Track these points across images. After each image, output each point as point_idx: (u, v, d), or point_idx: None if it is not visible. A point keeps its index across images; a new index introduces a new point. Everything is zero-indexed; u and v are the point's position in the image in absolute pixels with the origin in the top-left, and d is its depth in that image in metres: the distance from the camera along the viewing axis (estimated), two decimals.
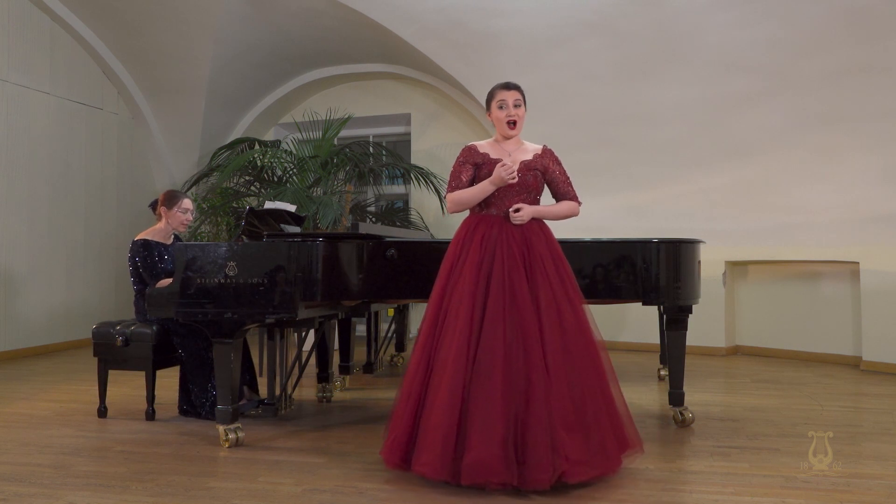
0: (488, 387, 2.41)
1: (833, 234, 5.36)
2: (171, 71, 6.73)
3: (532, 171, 2.75)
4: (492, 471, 2.32)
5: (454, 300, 2.58)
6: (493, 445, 2.34)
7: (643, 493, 2.43)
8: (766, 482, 2.55)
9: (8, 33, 5.79)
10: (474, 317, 2.53)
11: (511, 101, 2.75)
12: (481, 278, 2.58)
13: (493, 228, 2.68)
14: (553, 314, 2.55)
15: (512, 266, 2.59)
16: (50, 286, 6.17)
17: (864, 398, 4.16)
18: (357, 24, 6.32)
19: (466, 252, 2.66)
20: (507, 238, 2.65)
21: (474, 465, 2.33)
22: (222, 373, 3.07)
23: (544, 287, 2.57)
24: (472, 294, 2.55)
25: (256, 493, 2.47)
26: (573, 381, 2.49)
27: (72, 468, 2.76)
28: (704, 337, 5.85)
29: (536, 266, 2.61)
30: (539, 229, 2.72)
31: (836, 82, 5.16)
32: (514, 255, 2.61)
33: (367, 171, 6.49)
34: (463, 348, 2.48)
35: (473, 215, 2.77)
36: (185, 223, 3.81)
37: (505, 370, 2.44)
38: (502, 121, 2.75)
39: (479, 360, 2.46)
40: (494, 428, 2.36)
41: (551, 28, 5.73)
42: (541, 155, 2.82)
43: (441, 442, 2.39)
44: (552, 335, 2.51)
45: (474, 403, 2.41)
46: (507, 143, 2.82)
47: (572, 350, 2.53)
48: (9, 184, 5.77)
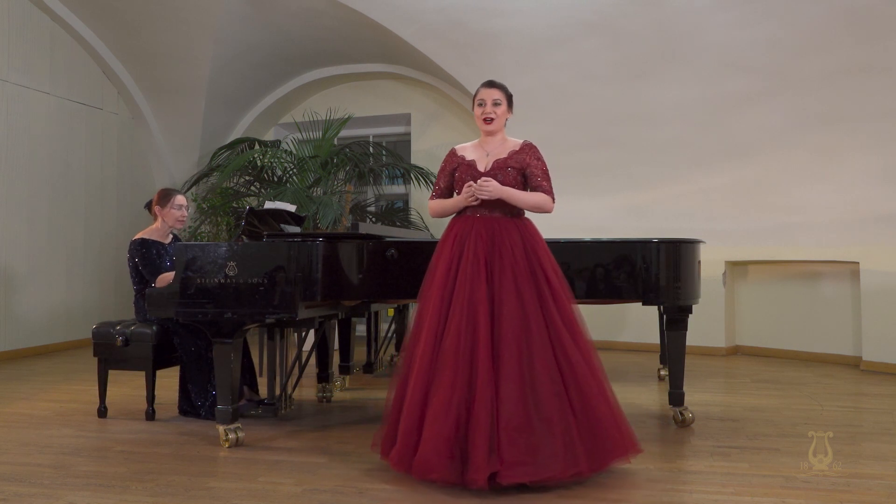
0: (440, 386, 2.46)
1: (833, 234, 5.36)
2: (171, 71, 6.73)
3: (505, 169, 2.75)
4: (433, 467, 2.38)
5: (426, 300, 2.66)
6: (440, 443, 2.38)
7: (643, 493, 2.43)
8: (766, 482, 2.55)
9: (8, 33, 5.79)
10: (440, 317, 2.58)
11: (490, 100, 2.79)
12: (449, 279, 2.64)
13: (464, 228, 2.72)
14: (513, 315, 2.53)
15: (475, 267, 2.61)
16: (50, 286, 6.17)
17: (864, 398, 4.16)
18: (357, 24, 6.32)
19: (440, 253, 2.73)
20: (475, 239, 2.67)
21: (421, 461, 2.40)
22: (222, 373, 3.07)
23: (508, 288, 2.57)
24: (440, 295, 2.62)
25: (256, 493, 2.47)
26: (530, 381, 2.46)
27: (72, 468, 2.76)
28: (704, 337, 5.85)
29: (503, 267, 2.61)
30: (515, 228, 2.71)
31: (836, 82, 5.16)
32: (479, 255, 2.63)
33: (367, 171, 6.49)
34: (428, 348, 2.55)
35: (455, 216, 2.83)
36: (181, 220, 3.80)
37: (454, 371, 2.47)
38: (479, 118, 2.81)
39: (438, 360, 2.53)
40: (444, 426, 2.40)
41: (551, 28, 5.73)
42: (518, 151, 2.80)
43: (404, 437, 2.48)
44: (510, 335, 2.50)
45: (430, 403, 2.47)
46: (489, 142, 2.85)
47: (534, 349, 2.49)
48: (9, 184, 5.77)
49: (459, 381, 2.45)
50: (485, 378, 2.44)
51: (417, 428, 2.47)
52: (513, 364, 2.47)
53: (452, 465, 2.37)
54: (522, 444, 2.38)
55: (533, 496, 2.38)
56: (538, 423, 2.41)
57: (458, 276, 2.62)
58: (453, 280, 2.63)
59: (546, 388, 2.45)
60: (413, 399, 2.50)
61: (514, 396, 2.43)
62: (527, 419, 2.41)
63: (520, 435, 2.38)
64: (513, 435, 2.38)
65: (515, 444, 2.37)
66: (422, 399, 2.50)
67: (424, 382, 2.51)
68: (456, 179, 2.84)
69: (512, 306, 2.54)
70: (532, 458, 2.37)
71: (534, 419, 2.41)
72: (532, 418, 2.41)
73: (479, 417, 2.39)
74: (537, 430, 2.40)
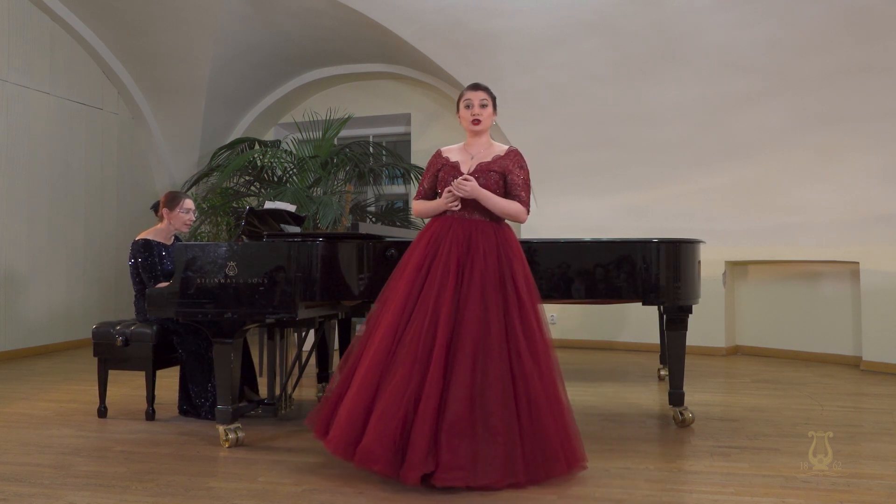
0: (393, 381, 2.48)
1: (833, 234, 5.36)
2: (171, 71, 6.73)
3: (488, 172, 2.76)
4: (375, 459, 2.40)
5: (391, 294, 2.69)
6: (385, 435, 2.40)
7: (643, 493, 2.43)
8: (766, 482, 2.55)
9: (8, 33, 5.79)
10: (403, 313, 2.60)
11: (477, 101, 2.81)
12: (419, 277, 2.65)
13: (442, 228, 2.74)
14: (475, 322, 2.53)
15: (445, 270, 2.63)
16: (50, 286, 6.17)
17: (864, 398, 4.16)
18: (357, 24, 6.32)
19: (413, 250, 2.76)
20: (450, 241, 2.69)
21: (363, 451, 2.43)
22: (222, 373, 3.07)
23: (474, 295, 2.58)
24: (406, 291, 2.64)
25: (256, 493, 2.47)
26: (481, 388, 2.46)
27: (72, 468, 2.76)
28: (704, 337, 5.85)
29: (473, 273, 2.62)
30: (493, 232, 2.73)
31: (836, 82, 5.16)
32: (451, 259, 2.65)
33: (367, 171, 6.49)
34: (386, 341, 2.57)
35: (435, 217, 2.85)
36: (188, 223, 3.82)
37: (410, 368, 2.49)
38: (467, 119, 2.82)
39: (395, 355, 2.54)
40: (389, 420, 2.42)
41: (551, 28, 5.72)
42: (503, 157, 2.81)
43: (347, 424, 2.50)
44: (468, 339, 2.51)
45: (381, 395, 2.49)
46: (475, 145, 2.86)
47: (490, 356, 2.50)
48: (9, 184, 5.77)
49: (413, 379, 2.47)
50: (434, 379, 2.45)
51: (365, 417, 2.48)
52: (466, 369, 2.47)
53: (394, 459, 2.40)
54: (462, 448, 2.39)
55: (533, 496, 2.38)
56: (482, 430, 2.42)
57: (428, 275, 2.64)
58: (423, 279, 2.65)
59: (496, 397, 2.46)
60: (363, 388, 2.52)
61: (461, 400, 2.43)
62: (471, 424, 2.41)
63: (461, 440, 2.39)
64: (454, 438, 2.39)
65: (455, 448, 2.38)
66: (372, 389, 2.52)
67: (377, 373, 2.53)
68: (439, 181, 2.85)
69: (475, 313, 2.55)
70: (470, 463, 2.38)
71: (478, 425, 2.42)
72: (476, 424, 2.42)
73: (424, 417, 2.40)
74: (479, 437, 2.41)
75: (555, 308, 6.28)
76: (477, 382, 2.47)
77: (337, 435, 2.52)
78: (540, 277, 3.17)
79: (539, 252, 3.25)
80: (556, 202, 6.43)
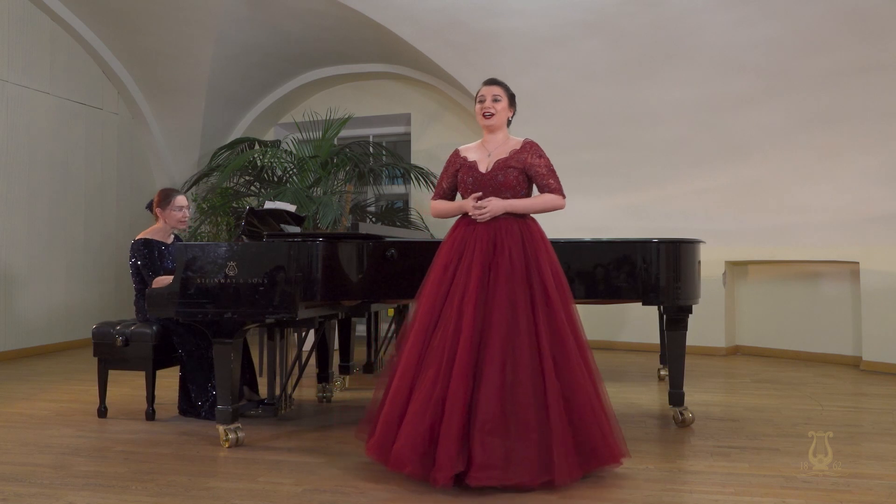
0: (422, 385, 2.50)
1: (833, 234, 5.36)
2: (171, 71, 6.73)
3: (505, 169, 2.75)
4: (405, 462, 2.41)
5: (420, 299, 2.70)
6: (415, 438, 2.42)
7: (643, 493, 2.43)
8: (766, 482, 2.55)
9: (8, 33, 5.79)
10: (431, 317, 2.61)
11: (490, 96, 2.80)
12: (445, 280, 2.65)
13: (467, 231, 2.73)
14: (502, 321, 2.53)
15: (470, 270, 2.62)
16: (50, 286, 6.17)
17: (864, 398, 4.16)
18: (357, 24, 6.32)
19: (440, 253, 2.76)
20: (475, 242, 2.68)
21: (395, 455, 2.45)
22: (222, 373, 3.07)
23: (500, 294, 2.57)
24: (433, 295, 2.65)
25: (256, 493, 2.47)
26: (511, 387, 2.45)
27: (72, 468, 2.76)
28: (704, 337, 5.85)
29: (499, 272, 2.61)
30: (518, 229, 2.70)
31: (836, 82, 5.15)
32: (475, 260, 2.64)
33: (367, 171, 6.49)
34: (416, 346, 2.59)
35: (460, 218, 2.83)
36: (183, 220, 3.81)
37: (437, 370, 2.50)
38: (479, 113, 2.82)
39: (424, 359, 2.55)
40: (419, 424, 2.43)
41: (551, 28, 5.72)
42: (519, 150, 2.79)
43: (382, 428, 2.54)
44: (496, 338, 2.50)
45: (412, 398, 2.51)
46: (492, 142, 2.84)
47: (520, 353, 2.49)
48: (9, 184, 5.77)
49: (440, 382, 2.47)
50: (461, 380, 2.45)
51: (398, 421, 2.51)
52: (495, 368, 2.47)
53: (424, 462, 2.40)
54: (495, 447, 2.38)
55: (533, 496, 2.38)
56: (514, 429, 2.41)
57: (454, 277, 2.64)
58: (449, 281, 2.64)
59: (526, 394, 2.45)
60: (397, 393, 2.55)
61: (492, 400, 2.43)
62: (503, 423, 2.41)
63: (493, 438, 2.39)
64: (486, 437, 2.38)
65: (488, 447, 2.37)
66: (405, 394, 2.54)
67: (409, 377, 2.55)
68: (458, 181, 2.84)
69: (502, 313, 2.54)
70: (503, 462, 2.37)
71: (510, 423, 2.41)
72: (508, 422, 2.41)
73: (451, 418, 2.40)
74: (512, 435, 2.40)
75: None
76: (507, 381, 2.46)
77: (375, 440, 2.56)
78: None
79: None
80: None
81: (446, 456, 2.36)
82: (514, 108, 2.88)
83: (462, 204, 2.78)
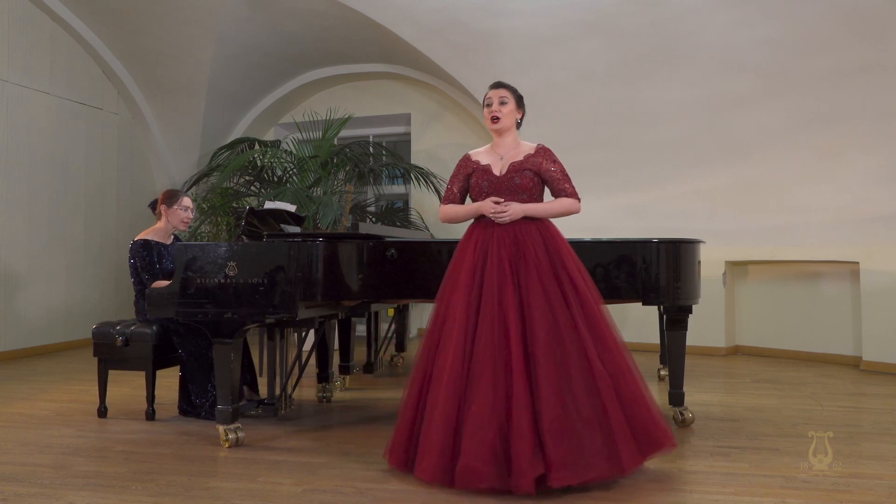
0: (479, 394, 2.44)
1: (833, 234, 5.36)
2: (171, 71, 6.73)
3: (521, 172, 2.74)
4: (480, 476, 2.35)
5: (451, 306, 2.62)
6: (483, 450, 2.36)
7: (643, 493, 2.43)
8: (766, 482, 2.55)
9: (8, 33, 5.79)
10: (469, 323, 2.55)
11: (496, 99, 2.78)
12: (475, 285, 2.61)
13: (486, 233, 2.70)
14: (544, 316, 2.52)
15: (500, 271, 2.60)
16: (50, 286, 6.17)
17: (864, 398, 4.16)
18: (357, 24, 6.32)
19: (462, 258, 2.70)
20: (497, 242, 2.65)
21: (465, 471, 2.36)
22: (222, 373, 3.07)
23: (535, 290, 2.55)
24: (466, 300, 2.58)
25: (256, 493, 2.47)
26: (566, 382, 2.45)
27: (72, 468, 2.76)
28: (704, 337, 5.85)
29: (528, 268, 2.59)
30: (536, 230, 2.69)
31: (836, 82, 5.15)
32: (503, 259, 2.62)
33: (367, 171, 6.49)
34: (458, 355, 2.51)
35: (474, 221, 2.80)
36: (186, 221, 3.81)
37: (492, 377, 2.45)
38: (487, 118, 2.80)
39: (472, 368, 2.49)
40: (485, 434, 2.37)
41: (551, 28, 5.72)
42: (533, 154, 2.79)
43: (438, 448, 2.43)
44: (542, 337, 2.49)
45: (468, 410, 2.44)
46: (502, 145, 2.83)
47: (566, 350, 2.48)
48: (9, 184, 5.77)
49: (499, 390, 2.43)
50: (521, 382, 2.42)
51: (454, 439, 2.43)
52: (549, 366, 2.45)
53: (498, 472, 2.35)
54: (567, 445, 2.37)
55: (534, 496, 2.37)
56: (579, 424, 2.40)
57: (484, 281, 2.60)
58: (479, 286, 2.60)
59: (580, 388, 2.45)
60: (446, 409, 2.46)
61: (553, 398, 2.41)
62: (568, 420, 2.40)
63: (563, 437, 2.37)
64: (556, 437, 2.37)
65: (560, 446, 2.36)
66: (456, 408, 2.46)
67: (458, 393, 2.47)
68: (472, 185, 2.81)
69: (541, 308, 2.52)
70: (577, 458, 2.36)
71: (575, 420, 2.40)
72: (573, 419, 2.40)
73: (520, 422, 2.37)
74: (579, 431, 2.39)
75: None
76: (562, 377, 2.45)
77: (430, 463, 2.43)
78: None
79: None
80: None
81: (524, 461, 2.32)
82: (523, 110, 2.86)
83: (480, 206, 2.72)
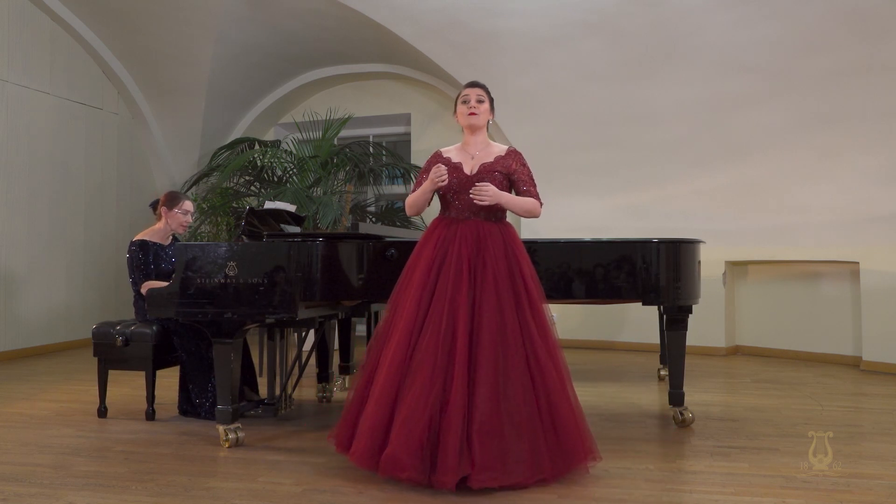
0: (415, 387, 2.47)
1: (833, 234, 5.36)
2: (171, 71, 6.73)
3: (492, 172, 2.77)
4: (402, 467, 2.38)
5: (401, 300, 2.67)
6: (410, 442, 2.38)
7: (643, 493, 2.43)
8: (766, 482, 2.55)
9: (8, 33, 5.79)
10: (416, 318, 2.58)
11: (474, 97, 2.81)
12: (429, 281, 2.64)
13: (449, 230, 2.73)
14: (493, 318, 2.54)
15: (458, 269, 2.62)
16: (50, 286, 6.17)
17: (864, 398, 4.16)
18: (357, 24, 6.32)
19: (420, 253, 2.74)
20: (460, 241, 2.68)
21: (388, 459, 2.40)
22: (222, 373, 3.07)
23: (489, 290, 2.58)
24: (418, 296, 2.62)
25: (256, 493, 2.47)
26: (503, 386, 2.47)
27: (72, 468, 2.76)
28: (704, 337, 5.85)
29: (486, 269, 2.62)
30: (498, 231, 2.73)
31: (836, 82, 5.16)
32: (462, 257, 2.64)
33: (367, 171, 6.49)
34: (402, 347, 2.55)
35: (437, 218, 2.84)
36: (185, 225, 3.81)
37: (431, 372, 2.47)
38: (464, 114, 2.82)
39: (413, 360, 2.53)
40: (414, 426, 2.40)
41: (551, 28, 5.73)
42: (504, 157, 2.82)
43: (369, 433, 2.48)
44: (487, 339, 2.51)
45: (401, 401, 2.48)
46: (473, 144, 2.85)
47: (509, 354, 2.51)
48: (9, 184, 5.77)
49: (436, 382, 2.46)
50: (460, 381, 2.45)
51: (387, 426, 2.47)
52: (489, 368, 2.48)
53: (422, 466, 2.38)
54: (493, 448, 2.39)
55: (534, 496, 2.38)
56: (509, 429, 2.42)
57: (439, 277, 2.63)
58: (434, 281, 2.64)
59: (518, 394, 2.47)
60: (383, 396, 2.51)
61: (487, 400, 2.44)
62: (499, 424, 2.42)
63: (491, 439, 2.39)
64: (485, 439, 2.39)
65: (487, 449, 2.38)
66: (392, 397, 2.50)
67: (396, 381, 2.52)
68: None
69: (491, 312, 2.56)
70: (501, 463, 2.38)
71: (505, 424, 2.43)
72: (504, 423, 2.43)
73: (453, 420, 2.39)
74: (507, 436, 2.42)
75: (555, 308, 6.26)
76: (500, 381, 2.47)
77: (361, 446, 2.50)
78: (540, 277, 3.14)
79: (539, 252, 3.24)
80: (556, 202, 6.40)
81: (452, 459, 2.35)
82: (493, 113, 2.90)
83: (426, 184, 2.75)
